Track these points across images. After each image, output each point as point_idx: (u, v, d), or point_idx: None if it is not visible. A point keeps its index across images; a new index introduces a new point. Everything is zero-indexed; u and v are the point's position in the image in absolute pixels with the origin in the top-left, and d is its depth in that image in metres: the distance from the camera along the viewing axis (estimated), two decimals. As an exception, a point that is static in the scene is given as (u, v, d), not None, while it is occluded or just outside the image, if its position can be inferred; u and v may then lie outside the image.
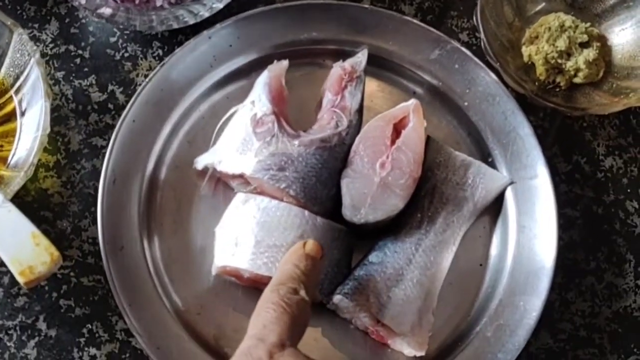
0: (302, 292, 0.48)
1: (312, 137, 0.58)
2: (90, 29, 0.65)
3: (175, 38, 0.64)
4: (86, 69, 0.64)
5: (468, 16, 0.68)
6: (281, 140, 0.58)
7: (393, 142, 0.59)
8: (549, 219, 0.59)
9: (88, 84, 0.64)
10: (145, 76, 0.64)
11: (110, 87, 0.64)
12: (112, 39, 0.65)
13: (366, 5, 0.65)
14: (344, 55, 0.64)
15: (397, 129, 0.60)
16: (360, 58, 0.63)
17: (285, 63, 0.61)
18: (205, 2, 0.60)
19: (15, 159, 0.58)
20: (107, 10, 0.59)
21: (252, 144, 0.58)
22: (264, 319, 0.46)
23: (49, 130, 0.55)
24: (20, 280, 0.51)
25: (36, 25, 0.64)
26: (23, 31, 0.57)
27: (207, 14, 0.59)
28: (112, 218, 0.57)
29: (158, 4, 0.61)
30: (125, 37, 0.65)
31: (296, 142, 0.58)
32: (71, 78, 0.64)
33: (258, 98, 0.59)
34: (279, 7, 0.63)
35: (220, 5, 0.59)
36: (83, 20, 0.65)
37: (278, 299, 0.47)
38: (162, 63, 0.60)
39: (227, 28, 0.62)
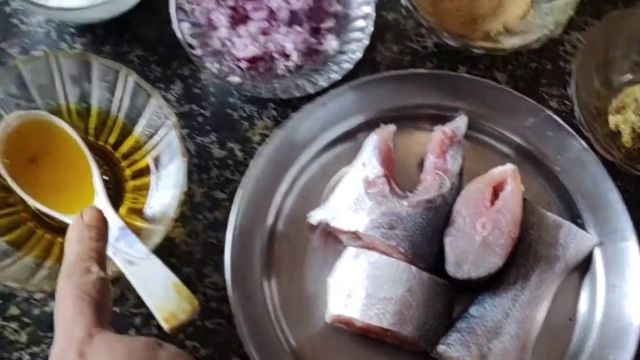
0: (95, 269, 0.46)
1: (418, 199, 0.64)
2: (211, 89, 0.71)
3: (289, 100, 0.70)
4: (207, 127, 0.70)
5: (557, 84, 0.73)
6: (391, 200, 0.63)
7: (492, 204, 0.64)
8: (638, 280, 0.64)
9: (209, 141, 0.70)
10: (261, 135, 0.70)
11: (229, 144, 0.70)
12: (231, 100, 0.71)
13: (465, 75, 0.70)
14: (442, 119, 0.69)
15: (496, 191, 0.65)
16: (460, 123, 0.68)
17: (392, 127, 0.67)
18: (323, 73, 0.66)
19: (152, 213, 0.64)
20: (235, 79, 0.65)
21: (365, 204, 0.63)
22: (65, 314, 0.44)
23: (186, 188, 0.61)
24: (165, 326, 0.56)
25: (162, 86, 0.71)
26: (160, 96, 0.63)
27: (325, 84, 0.65)
28: (239, 268, 0.63)
29: (279, 72, 0.67)
30: (243, 98, 0.71)
31: (405, 202, 0.63)
32: (194, 135, 0.70)
33: (369, 160, 0.65)
34: (386, 75, 0.69)
35: (339, 77, 0.65)
36: (204, 82, 0.71)
37: (74, 288, 0.45)
38: (280, 126, 0.66)
39: (340, 94, 0.68)
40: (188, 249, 0.67)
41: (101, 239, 0.49)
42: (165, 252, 0.65)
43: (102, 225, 0.49)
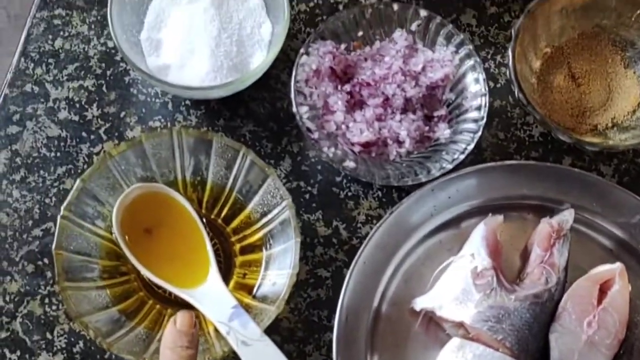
0: None
1: (526, 293, 0.64)
2: (319, 167, 0.72)
3: (394, 183, 0.71)
4: (314, 205, 0.71)
5: (663, 181, 0.73)
6: (499, 294, 0.64)
7: (599, 302, 0.64)
8: None
9: (315, 218, 0.71)
10: (366, 215, 0.71)
11: (334, 223, 0.71)
12: (337, 178, 0.72)
13: (572, 169, 0.71)
14: (546, 210, 0.70)
15: (603, 289, 0.65)
16: (567, 217, 0.68)
17: (500, 218, 0.68)
18: (435, 161, 0.67)
19: (262, 291, 0.65)
20: (350, 164, 0.66)
21: (472, 295, 0.64)
22: None
23: (297, 269, 0.62)
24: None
25: (272, 162, 0.72)
26: (277, 177, 0.65)
27: (437, 174, 0.66)
28: (345, 348, 0.64)
29: (391, 157, 0.68)
30: (349, 177, 0.72)
31: (512, 296, 0.64)
32: (301, 212, 0.71)
33: (477, 252, 0.65)
34: (493, 165, 0.70)
35: (450, 167, 0.66)
36: (313, 160, 0.73)
37: None
38: (391, 211, 0.67)
39: (449, 183, 0.68)
40: (291, 326, 0.68)
41: (192, 346, 0.53)
42: (269, 328, 0.66)
43: (193, 332, 0.54)
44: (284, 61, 0.74)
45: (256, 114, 0.73)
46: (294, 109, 0.67)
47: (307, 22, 0.76)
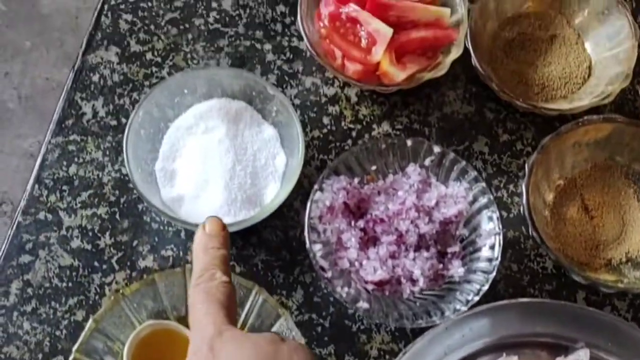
0: (219, 275, 0.51)
1: None
2: (331, 299, 0.72)
3: (408, 317, 0.70)
4: (326, 338, 0.71)
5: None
6: None
7: None
8: None
9: (327, 352, 0.70)
10: (379, 349, 0.70)
11: (346, 357, 0.70)
12: (350, 311, 0.72)
13: (587, 308, 0.70)
14: (561, 348, 0.69)
15: None
16: (582, 357, 0.67)
17: (515, 359, 0.67)
18: (448, 301, 0.67)
19: None
20: (364, 305, 0.65)
21: None
22: (197, 316, 0.49)
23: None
24: None
25: (284, 292, 0.72)
26: (290, 317, 0.64)
27: (451, 315, 0.65)
28: None
29: (405, 295, 0.68)
30: (362, 310, 0.71)
31: None
32: (313, 346, 0.70)
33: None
34: (507, 304, 0.69)
35: (464, 308, 0.66)
36: (325, 291, 0.72)
37: (201, 293, 0.50)
38: (404, 352, 0.66)
39: (463, 322, 0.68)
40: None
41: (223, 246, 0.53)
42: None
43: (223, 234, 0.54)
44: (297, 188, 0.74)
45: (269, 242, 0.73)
46: (307, 246, 0.67)
47: (320, 149, 0.77)
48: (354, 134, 0.78)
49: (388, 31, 0.73)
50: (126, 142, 0.68)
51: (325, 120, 0.78)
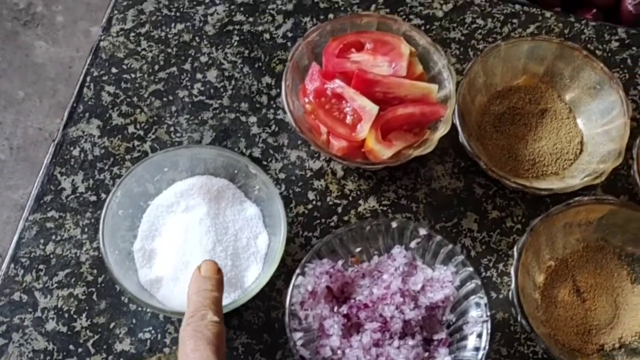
0: (210, 315, 0.54)
1: None
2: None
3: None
4: None
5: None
6: None
7: None
8: None
9: None
10: None
11: None
12: (333, 398, 0.69)
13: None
14: None
15: None
16: None
17: None
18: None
19: None
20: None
21: None
22: (185, 350, 0.51)
23: None
24: None
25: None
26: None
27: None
28: None
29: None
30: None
31: None
32: None
33: None
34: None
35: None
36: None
37: (191, 331, 0.52)
38: None
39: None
40: None
41: (216, 289, 0.56)
42: None
43: (217, 277, 0.57)
44: (280, 267, 0.72)
45: (250, 324, 0.71)
46: (288, 334, 0.64)
47: (305, 226, 0.75)
48: (339, 209, 0.76)
49: (374, 108, 0.72)
50: (103, 224, 0.66)
51: (311, 195, 0.76)
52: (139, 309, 0.71)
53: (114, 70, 0.80)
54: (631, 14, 1.81)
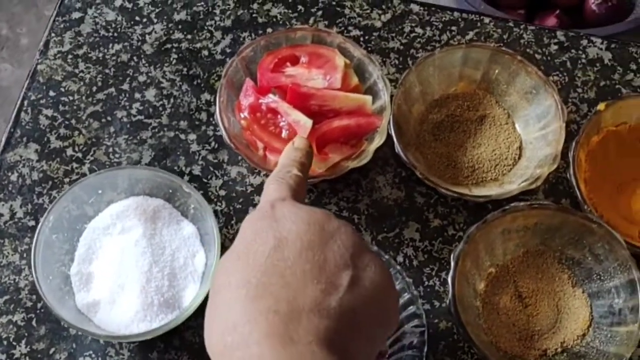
0: (295, 171, 0.55)
1: None
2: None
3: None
4: None
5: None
6: None
7: None
8: None
9: None
10: None
11: None
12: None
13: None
14: None
15: None
16: None
17: None
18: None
19: None
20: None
21: None
22: (267, 190, 0.52)
23: None
24: None
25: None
26: None
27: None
28: None
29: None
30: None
31: None
32: None
33: None
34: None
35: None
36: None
37: (274, 179, 0.53)
38: None
39: None
40: None
41: (305, 158, 0.57)
42: None
43: (308, 150, 0.59)
44: (222, 285, 0.71)
45: (191, 344, 0.71)
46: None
47: (245, 242, 0.74)
48: (280, 225, 0.75)
49: (307, 122, 0.72)
50: (34, 250, 0.66)
51: (252, 211, 0.76)
52: (79, 333, 0.70)
53: (51, 93, 0.80)
54: (595, 14, 1.81)
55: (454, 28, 0.85)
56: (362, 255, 0.48)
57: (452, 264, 0.68)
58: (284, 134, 0.73)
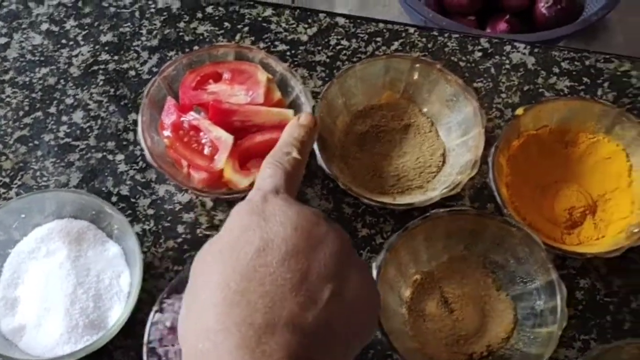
0: (295, 153, 0.55)
1: None
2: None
3: None
4: None
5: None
6: None
7: None
8: None
9: None
10: None
11: None
12: None
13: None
14: None
15: None
16: None
17: None
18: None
19: None
20: None
21: None
22: (262, 174, 0.53)
23: None
24: None
25: (138, 417, 0.69)
26: None
27: None
28: None
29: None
30: None
31: None
32: None
33: None
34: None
35: None
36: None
37: (272, 161, 0.53)
38: None
39: None
40: None
41: (307, 136, 0.57)
42: None
43: (312, 127, 0.58)
44: (150, 304, 0.71)
45: (122, 363, 0.71)
46: (146, 374, 0.64)
47: (174, 260, 0.75)
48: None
49: (229, 138, 0.72)
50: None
51: (180, 228, 0.76)
52: None
53: (-22, 119, 0.80)
54: (544, 17, 1.83)
55: (379, 39, 0.86)
56: (347, 263, 0.48)
57: (374, 272, 0.68)
58: (206, 150, 0.74)
